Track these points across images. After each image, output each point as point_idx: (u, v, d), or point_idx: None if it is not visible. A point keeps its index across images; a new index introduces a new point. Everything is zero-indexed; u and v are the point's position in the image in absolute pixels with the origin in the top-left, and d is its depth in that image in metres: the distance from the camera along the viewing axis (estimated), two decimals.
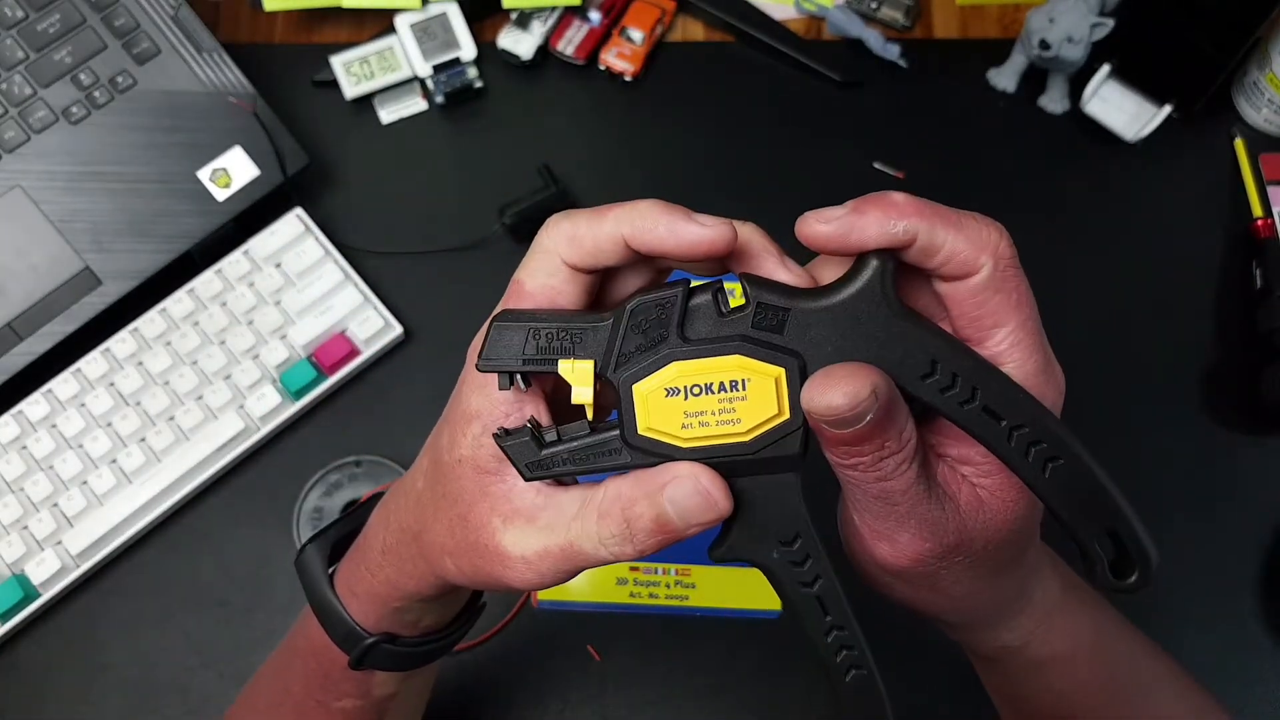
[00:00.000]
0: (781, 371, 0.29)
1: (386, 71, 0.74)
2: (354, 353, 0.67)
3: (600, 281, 0.32)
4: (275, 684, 0.44)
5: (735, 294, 0.29)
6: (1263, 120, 0.71)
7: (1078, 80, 0.72)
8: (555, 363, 0.30)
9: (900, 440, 0.28)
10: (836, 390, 0.27)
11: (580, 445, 0.30)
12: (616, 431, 0.30)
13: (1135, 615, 0.43)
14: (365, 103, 0.75)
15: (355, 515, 0.41)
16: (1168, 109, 0.71)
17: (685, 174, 0.74)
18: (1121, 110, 0.72)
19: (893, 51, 0.74)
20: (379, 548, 0.37)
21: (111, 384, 0.65)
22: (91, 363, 0.66)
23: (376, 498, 0.40)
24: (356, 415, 0.68)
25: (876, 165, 0.70)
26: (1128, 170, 0.72)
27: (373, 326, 0.67)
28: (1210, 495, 0.64)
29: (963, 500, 0.30)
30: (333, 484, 0.64)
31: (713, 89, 0.76)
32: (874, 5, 0.76)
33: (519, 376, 0.30)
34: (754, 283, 0.29)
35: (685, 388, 0.29)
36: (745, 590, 0.63)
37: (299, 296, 0.67)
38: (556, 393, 0.33)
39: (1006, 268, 0.28)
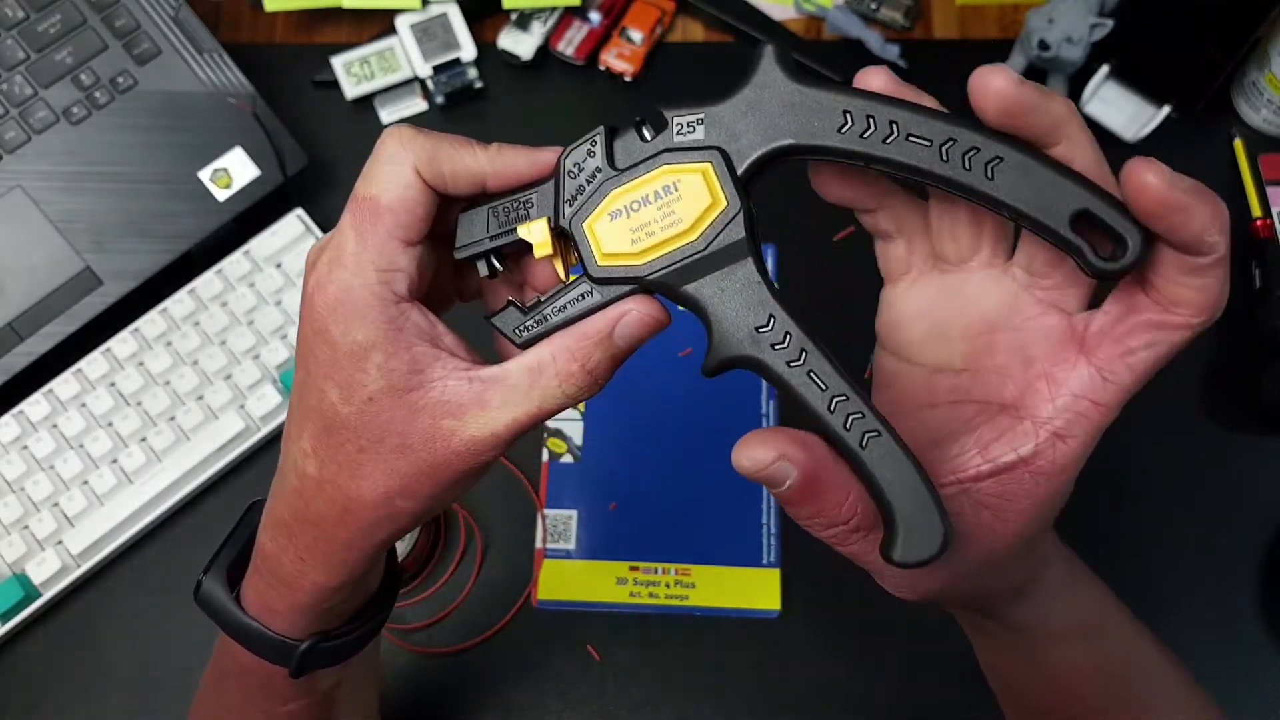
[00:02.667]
0: (708, 165, 0.30)
1: (387, 72, 0.74)
2: None
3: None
4: (216, 707, 0.43)
5: (655, 122, 0.31)
6: (1262, 121, 0.71)
7: (1077, 80, 0.72)
8: (514, 230, 0.32)
9: (840, 513, 0.29)
10: (742, 452, 0.29)
11: (556, 300, 0.32)
12: (583, 275, 0.32)
13: (1135, 613, 0.44)
14: (366, 103, 0.75)
15: (238, 535, 0.40)
16: (1167, 109, 0.71)
17: None
18: (1121, 111, 0.72)
19: (892, 52, 0.74)
20: (293, 558, 0.35)
21: (112, 384, 0.66)
22: (92, 363, 0.66)
23: (253, 510, 0.40)
24: None
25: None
26: None
27: None
28: (1210, 495, 0.64)
29: (970, 526, 0.30)
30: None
31: (713, 89, 0.76)
32: (874, 6, 0.76)
33: (494, 260, 0.33)
34: (668, 105, 0.31)
35: (625, 207, 0.31)
36: (745, 590, 0.63)
37: (299, 296, 0.67)
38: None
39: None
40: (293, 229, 0.69)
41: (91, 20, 0.69)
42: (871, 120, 0.29)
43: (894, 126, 0.28)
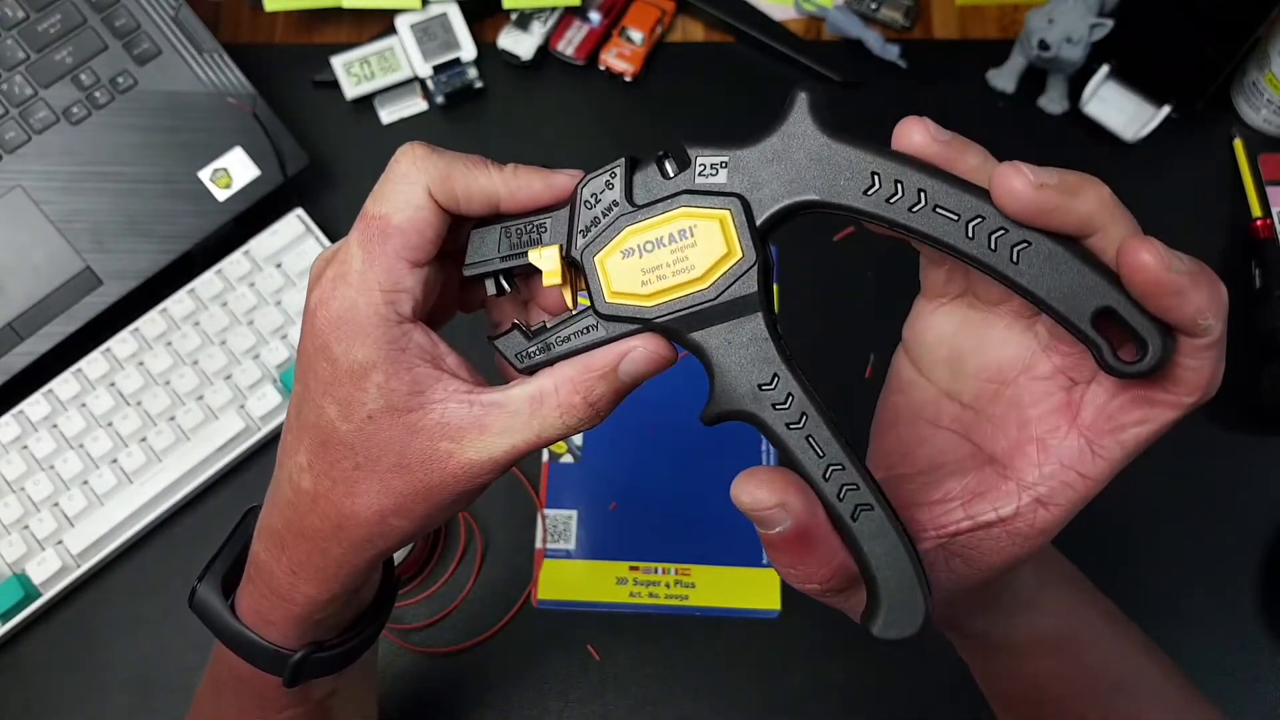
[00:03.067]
0: (726, 213, 0.29)
1: (387, 72, 0.74)
2: None
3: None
4: (211, 714, 0.43)
5: (678, 159, 0.31)
6: (1262, 120, 0.71)
7: (1077, 81, 0.72)
8: (525, 254, 0.32)
9: (819, 574, 0.29)
10: (744, 488, 0.28)
11: (561, 330, 0.32)
12: (589, 306, 0.31)
13: (1135, 613, 0.44)
14: (365, 103, 0.75)
15: (234, 541, 0.40)
16: (1167, 109, 0.71)
17: None
18: (1121, 111, 0.72)
19: (892, 52, 0.74)
20: (286, 571, 0.35)
21: (112, 384, 0.66)
22: (92, 363, 0.66)
23: (250, 516, 0.40)
24: None
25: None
26: (1127, 171, 0.72)
27: None
28: (1210, 495, 0.64)
29: (938, 572, 0.30)
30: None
31: (713, 89, 0.76)
32: (873, 6, 0.76)
33: (503, 280, 0.33)
34: (693, 142, 0.30)
35: (639, 246, 0.30)
36: (745, 590, 0.63)
37: (299, 297, 0.67)
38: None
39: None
40: (293, 229, 0.69)
41: (91, 20, 0.69)
42: (900, 186, 0.27)
43: (922, 195, 0.27)
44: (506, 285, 0.33)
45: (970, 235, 0.27)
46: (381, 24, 0.76)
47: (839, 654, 0.61)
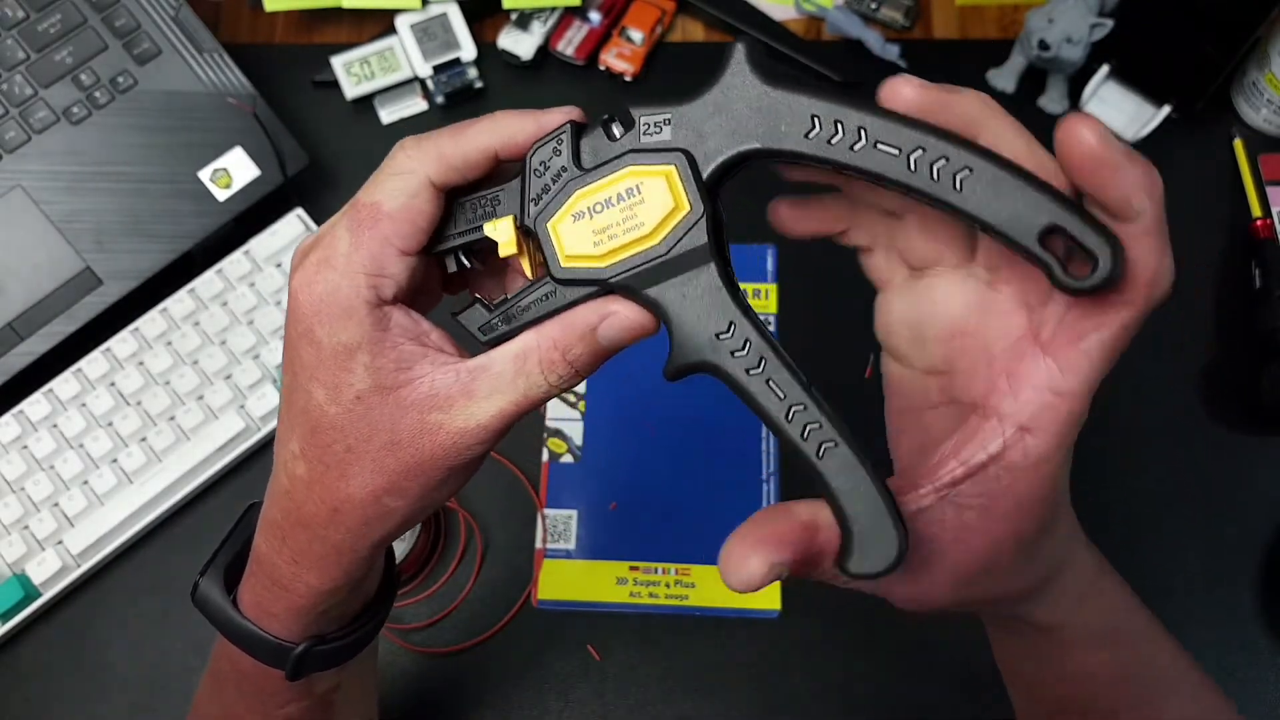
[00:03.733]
0: (672, 168, 0.30)
1: (387, 72, 0.74)
2: None
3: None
4: (214, 710, 0.43)
5: (623, 121, 0.31)
6: (1262, 120, 0.71)
7: (1077, 81, 0.72)
8: (480, 227, 0.32)
9: (828, 569, 0.30)
10: (732, 573, 0.29)
11: (521, 299, 0.32)
12: (546, 275, 0.31)
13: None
14: (365, 103, 0.75)
15: (236, 536, 0.40)
16: (1167, 109, 0.71)
17: None
18: (1121, 111, 0.72)
19: (892, 52, 0.74)
20: (287, 561, 0.36)
21: (112, 384, 0.66)
22: (92, 363, 0.66)
23: (251, 512, 0.40)
24: None
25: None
26: None
27: None
28: (1210, 495, 0.64)
29: (958, 532, 0.30)
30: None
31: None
32: (874, 6, 0.76)
33: (462, 257, 0.33)
34: (636, 103, 0.30)
35: (588, 209, 0.30)
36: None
37: None
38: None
39: None
40: (293, 229, 0.69)
41: (91, 20, 0.69)
42: (840, 126, 0.28)
43: (862, 133, 0.27)
44: (468, 262, 0.33)
45: (912, 168, 0.27)
46: (381, 24, 0.76)
47: (839, 654, 0.61)
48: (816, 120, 0.28)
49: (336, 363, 0.31)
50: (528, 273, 0.32)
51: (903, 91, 0.27)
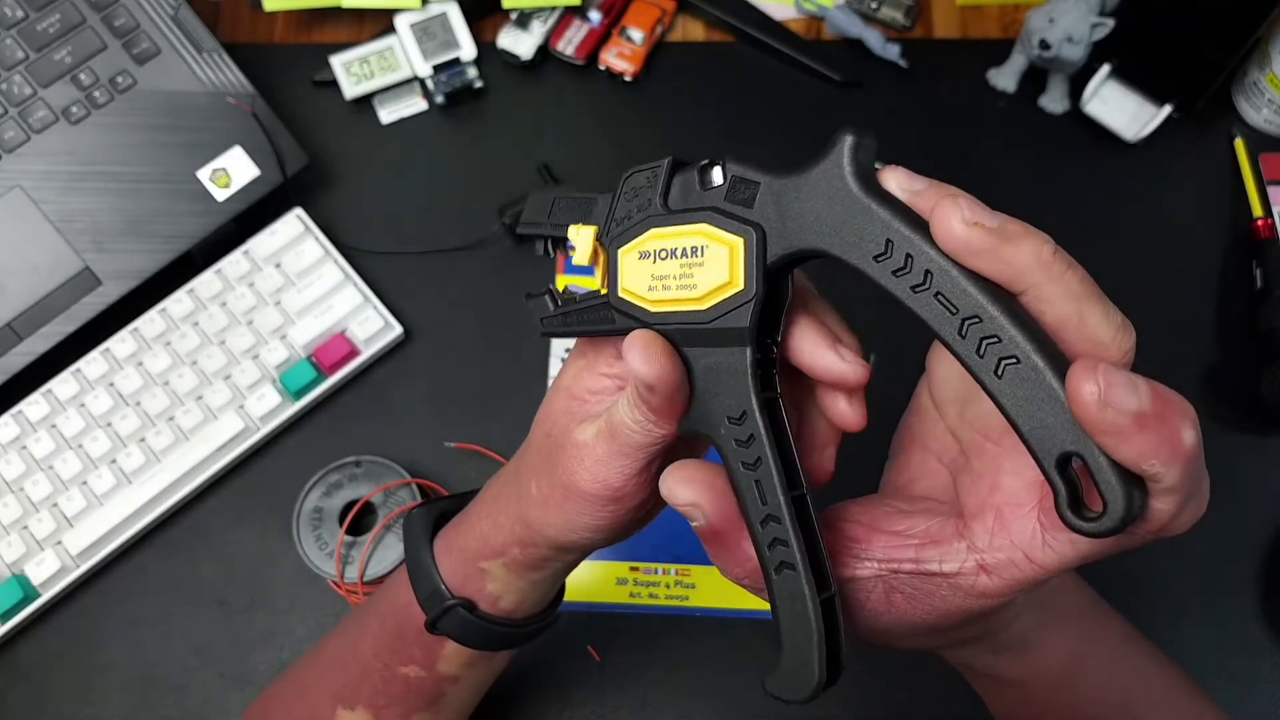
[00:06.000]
0: (740, 241, 0.29)
1: (386, 71, 0.74)
2: (354, 353, 0.67)
3: None
4: (345, 640, 0.46)
5: (719, 171, 0.30)
6: (1263, 120, 0.71)
7: (1078, 80, 0.72)
8: (566, 227, 0.33)
9: (736, 572, 0.31)
10: (668, 483, 0.30)
11: (580, 307, 0.33)
12: (606, 296, 0.32)
13: (1134, 614, 0.43)
14: (365, 103, 0.75)
15: (470, 493, 0.44)
16: (1168, 109, 0.71)
17: None
18: (1121, 110, 0.72)
19: (893, 51, 0.74)
20: (484, 500, 0.42)
21: (111, 384, 0.65)
22: (91, 363, 0.66)
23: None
24: (356, 415, 0.68)
25: (876, 166, 0.70)
26: (1128, 170, 0.72)
27: (373, 326, 0.67)
28: (1210, 495, 0.64)
29: (879, 604, 0.30)
30: (333, 484, 0.63)
31: (713, 89, 0.76)
32: (874, 5, 0.76)
33: (550, 245, 0.34)
34: (735, 158, 0.30)
35: (655, 251, 0.31)
36: (745, 590, 0.63)
37: (299, 296, 0.67)
38: None
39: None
40: (292, 229, 0.69)
41: (91, 20, 0.68)
42: (909, 261, 0.26)
43: (928, 278, 0.25)
44: (552, 251, 0.35)
45: (962, 334, 0.25)
46: (381, 23, 0.76)
47: None
48: (890, 246, 0.26)
49: (571, 356, 0.38)
50: (597, 283, 0.33)
51: (955, 230, 0.25)
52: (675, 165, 0.31)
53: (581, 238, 0.32)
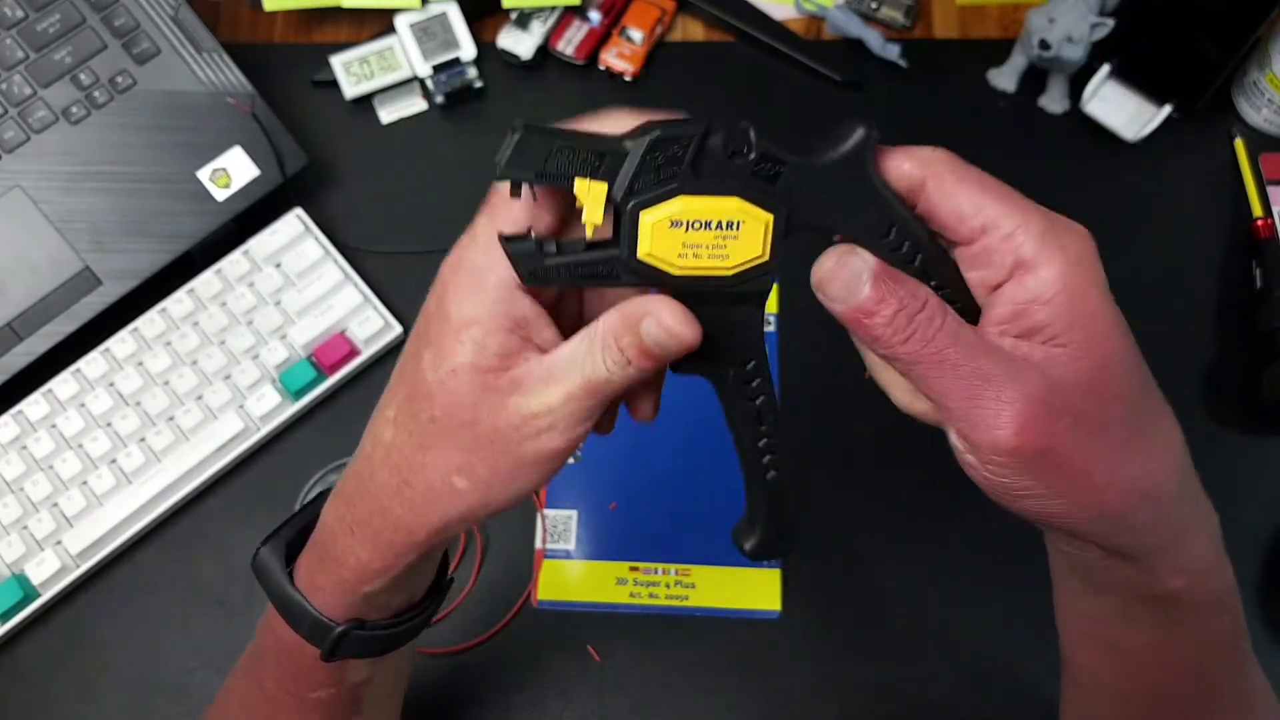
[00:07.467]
0: (771, 218, 0.32)
1: (386, 71, 0.74)
2: (354, 353, 0.67)
3: None
4: (248, 683, 0.44)
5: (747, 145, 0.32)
6: (1263, 120, 0.71)
7: (1078, 80, 0.72)
8: (572, 180, 0.31)
9: (917, 297, 0.31)
10: (825, 273, 0.32)
11: (579, 260, 0.32)
12: (616, 252, 0.32)
13: None
14: (365, 103, 0.75)
15: (306, 511, 0.41)
16: (1168, 109, 0.71)
17: None
18: (1121, 110, 0.72)
19: (893, 51, 0.74)
20: (345, 530, 0.37)
21: (111, 384, 0.65)
22: (91, 363, 0.66)
23: (325, 495, 0.40)
24: (356, 415, 0.67)
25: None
26: (1128, 170, 0.72)
27: (373, 326, 0.67)
28: (1210, 495, 0.64)
29: (1037, 355, 0.31)
30: (333, 484, 0.63)
31: (713, 89, 0.76)
32: (874, 5, 0.76)
33: (528, 186, 0.32)
34: (763, 135, 0.31)
35: (688, 221, 0.31)
36: (745, 590, 0.63)
37: (299, 296, 0.67)
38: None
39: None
40: (292, 229, 0.69)
41: (90, 20, 0.68)
42: (904, 243, 0.32)
43: (915, 257, 0.32)
44: (532, 195, 0.33)
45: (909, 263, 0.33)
46: (381, 23, 0.76)
47: (839, 654, 0.61)
48: (891, 230, 0.32)
49: (452, 332, 0.33)
50: (588, 235, 0.32)
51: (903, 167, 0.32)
52: (705, 132, 0.31)
53: (593, 195, 0.31)
